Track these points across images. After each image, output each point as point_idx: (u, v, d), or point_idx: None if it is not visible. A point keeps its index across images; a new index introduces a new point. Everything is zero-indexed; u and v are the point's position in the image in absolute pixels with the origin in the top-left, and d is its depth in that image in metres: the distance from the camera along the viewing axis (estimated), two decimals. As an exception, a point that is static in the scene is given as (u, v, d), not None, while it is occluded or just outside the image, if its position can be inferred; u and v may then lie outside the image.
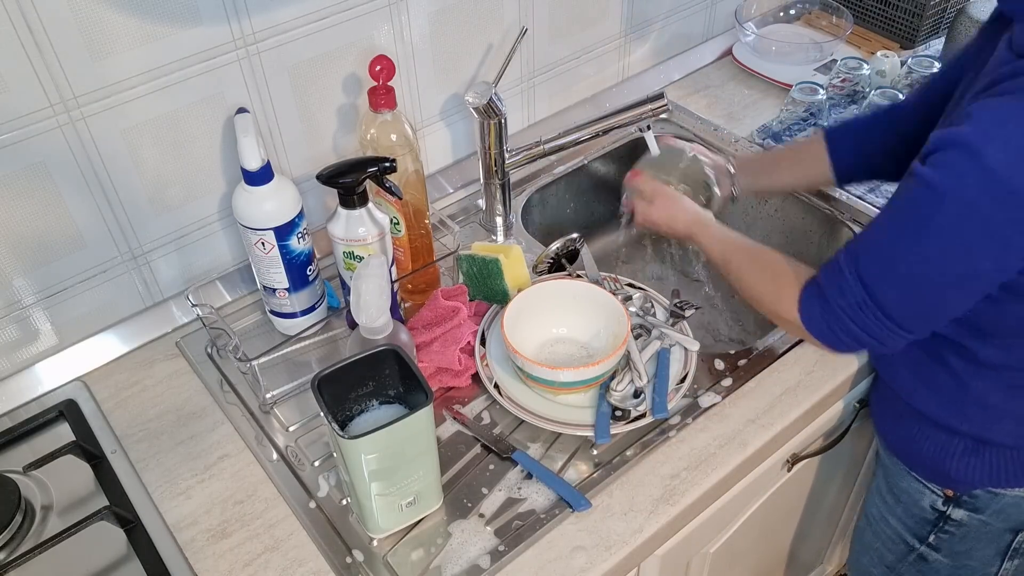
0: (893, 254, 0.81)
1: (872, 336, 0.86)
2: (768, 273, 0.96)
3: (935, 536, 1.04)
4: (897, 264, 0.81)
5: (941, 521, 1.02)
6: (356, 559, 0.85)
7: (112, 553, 0.87)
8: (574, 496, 0.89)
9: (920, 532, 1.06)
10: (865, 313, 0.85)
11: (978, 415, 0.93)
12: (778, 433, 0.98)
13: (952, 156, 0.74)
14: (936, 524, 1.03)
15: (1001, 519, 0.98)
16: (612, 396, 0.96)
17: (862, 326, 0.86)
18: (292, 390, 1.02)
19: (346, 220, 0.96)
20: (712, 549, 1.11)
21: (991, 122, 0.73)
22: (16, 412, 1.00)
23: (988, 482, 0.95)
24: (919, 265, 0.79)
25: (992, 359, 0.89)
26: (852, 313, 0.86)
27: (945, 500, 1.01)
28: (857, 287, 0.84)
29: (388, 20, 1.10)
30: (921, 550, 1.07)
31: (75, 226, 0.98)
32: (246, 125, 0.93)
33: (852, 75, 1.41)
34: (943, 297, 0.81)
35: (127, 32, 0.90)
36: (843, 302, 0.86)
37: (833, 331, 0.89)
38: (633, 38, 1.44)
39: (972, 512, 0.99)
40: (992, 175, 0.71)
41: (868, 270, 0.83)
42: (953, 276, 0.79)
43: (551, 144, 1.21)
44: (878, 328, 0.85)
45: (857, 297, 0.84)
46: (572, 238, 1.15)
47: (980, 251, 0.76)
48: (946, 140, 0.75)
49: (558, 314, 1.03)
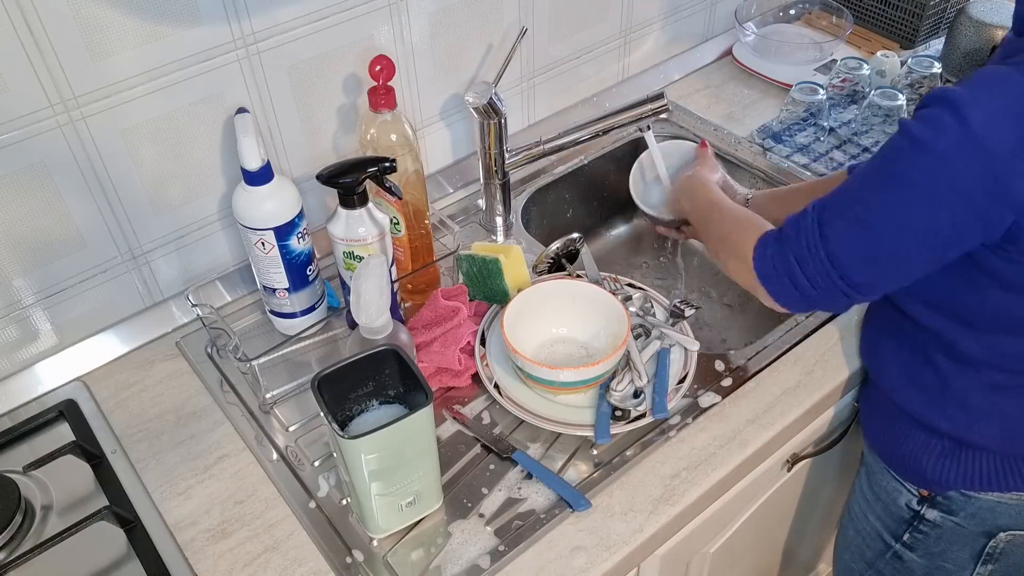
0: (856, 197, 0.80)
1: (814, 285, 0.84)
2: (739, 223, 0.95)
3: (910, 535, 1.04)
4: (855, 206, 0.80)
5: (916, 521, 1.03)
6: (356, 559, 0.85)
7: (112, 553, 0.87)
8: (574, 496, 0.89)
9: (896, 531, 1.06)
10: (812, 256, 0.82)
11: (959, 415, 0.93)
12: (778, 433, 0.98)
13: (937, 111, 0.74)
14: (911, 523, 1.03)
15: (975, 522, 0.98)
16: (612, 396, 0.96)
17: (806, 271, 0.83)
18: (292, 390, 1.02)
19: (346, 220, 0.96)
20: (712, 549, 1.11)
21: (982, 85, 0.74)
22: (16, 412, 1.00)
23: (962, 484, 0.96)
24: (878, 210, 0.78)
25: (974, 353, 0.89)
26: (800, 254, 0.83)
27: (920, 500, 1.01)
28: (813, 227, 0.82)
29: (388, 20, 1.10)
30: (897, 548, 1.07)
31: (75, 226, 0.98)
32: (246, 125, 0.93)
33: (852, 75, 1.41)
34: (897, 251, 0.80)
35: (127, 32, 0.90)
36: (795, 243, 0.84)
37: (778, 272, 0.86)
38: (633, 38, 1.44)
39: (946, 514, 0.99)
40: (969, 132, 0.72)
41: (828, 211, 0.82)
42: (909, 228, 0.78)
43: (551, 144, 1.21)
44: (822, 276, 0.83)
45: (810, 238, 0.83)
46: (572, 238, 1.15)
47: (942, 206, 0.75)
48: (937, 96, 0.75)
49: (558, 315, 1.03)
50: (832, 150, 1.36)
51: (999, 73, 0.74)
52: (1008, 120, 0.72)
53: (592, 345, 1.03)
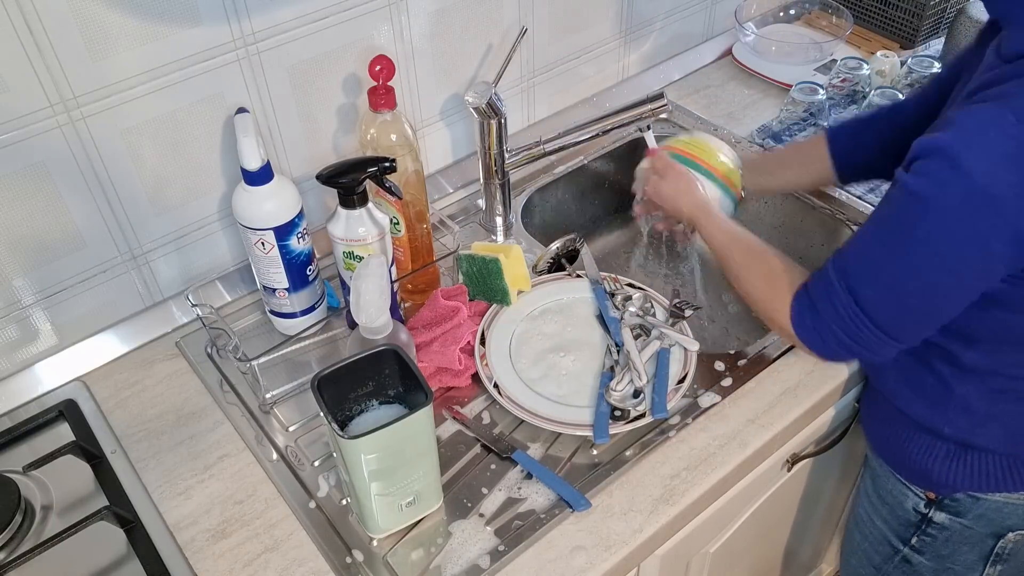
0: (880, 264, 0.81)
1: (863, 346, 0.87)
2: (764, 275, 0.96)
3: (918, 538, 1.04)
4: (883, 274, 0.81)
5: (923, 524, 1.03)
6: (356, 559, 0.85)
7: (112, 553, 0.87)
8: (574, 496, 0.89)
9: (904, 534, 1.06)
10: (856, 323, 0.85)
11: (962, 419, 0.93)
12: (778, 433, 0.98)
13: (934, 164, 0.74)
14: (919, 527, 1.03)
15: (983, 524, 0.98)
16: (612, 396, 0.96)
17: (853, 337, 0.86)
18: (292, 390, 1.02)
19: (346, 220, 0.96)
20: (712, 549, 1.11)
21: (972, 129, 0.73)
22: (16, 412, 1.00)
23: (970, 486, 0.96)
24: (905, 274, 0.80)
25: (976, 364, 0.89)
26: (842, 324, 0.86)
27: (927, 503, 1.01)
28: (846, 298, 0.85)
29: (388, 20, 1.10)
30: (905, 552, 1.07)
31: (75, 226, 0.98)
32: (246, 125, 0.93)
33: (852, 75, 1.41)
34: (930, 306, 0.82)
35: (127, 32, 0.90)
36: (833, 313, 0.86)
37: (825, 341, 0.89)
38: (633, 38, 1.44)
39: (954, 516, 0.99)
40: (972, 183, 0.72)
41: (856, 281, 0.84)
42: (939, 285, 0.79)
43: (551, 144, 1.21)
44: (869, 338, 0.86)
45: (846, 308, 0.85)
46: (572, 238, 1.16)
47: (963, 259, 0.76)
48: (928, 147, 0.75)
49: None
50: (832, 150, 1.36)
51: (989, 116, 0.73)
52: (1010, 165, 0.71)
53: None
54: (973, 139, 0.72)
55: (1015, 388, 0.90)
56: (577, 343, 1.05)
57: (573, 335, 1.06)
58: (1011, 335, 0.86)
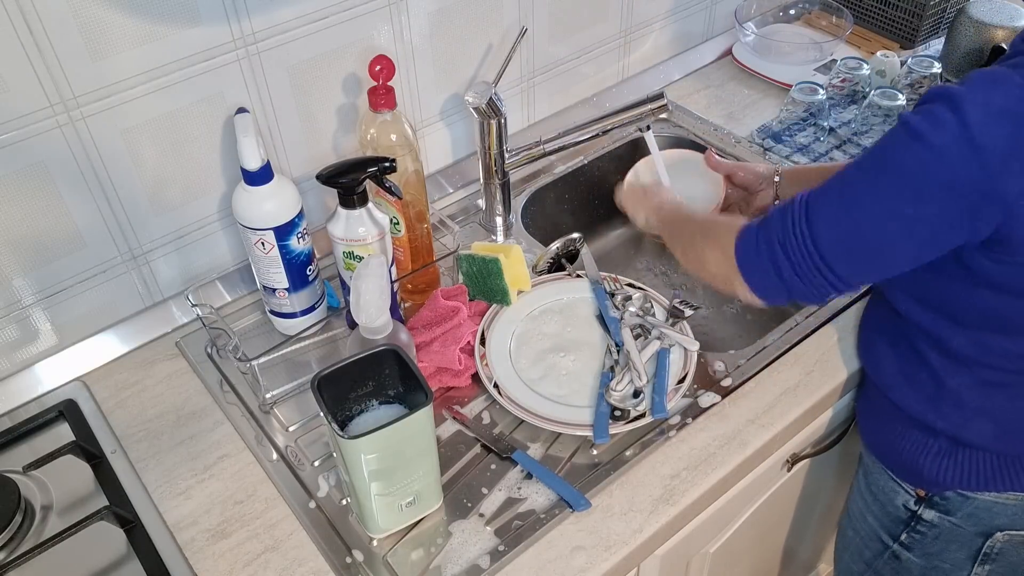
0: (846, 185, 0.81)
1: (797, 272, 0.84)
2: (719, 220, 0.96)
3: (907, 535, 1.04)
4: (844, 190, 0.81)
5: (913, 521, 1.03)
6: (356, 559, 0.85)
7: (112, 553, 0.87)
8: (574, 496, 0.89)
9: (894, 531, 1.06)
10: (798, 240, 0.82)
11: (954, 413, 0.93)
12: (778, 433, 0.98)
13: (938, 107, 0.75)
14: (908, 523, 1.03)
15: (972, 522, 0.98)
16: (612, 396, 0.96)
17: (794, 266, 0.83)
18: (292, 390, 1.02)
19: (346, 220, 0.96)
20: (712, 549, 1.11)
21: (981, 85, 0.75)
22: (16, 412, 1.00)
23: (960, 484, 0.96)
24: (866, 195, 0.79)
25: (965, 351, 0.89)
26: (788, 250, 0.83)
27: (917, 500, 1.01)
28: (800, 211, 0.83)
29: (388, 20, 1.10)
30: (894, 548, 1.07)
31: (75, 226, 0.98)
32: (246, 125, 0.93)
33: (852, 75, 1.41)
34: (877, 238, 0.80)
35: (127, 32, 0.90)
36: (780, 227, 0.84)
37: (760, 258, 0.86)
38: (633, 38, 1.44)
39: (943, 514, 0.99)
40: (966, 130, 0.73)
41: (818, 208, 0.82)
42: (895, 216, 0.78)
43: (551, 144, 1.21)
44: (811, 271, 0.83)
45: (796, 223, 0.83)
46: (572, 238, 1.15)
47: (931, 198, 0.76)
48: (938, 93, 0.76)
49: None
50: (832, 150, 1.36)
51: (998, 74, 0.75)
52: (1004, 120, 0.72)
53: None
54: (978, 91, 0.74)
55: (1005, 381, 0.90)
56: (577, 343, 1.05)
57: (573, 335, 1.06)
58: (997, 319, 0.86)
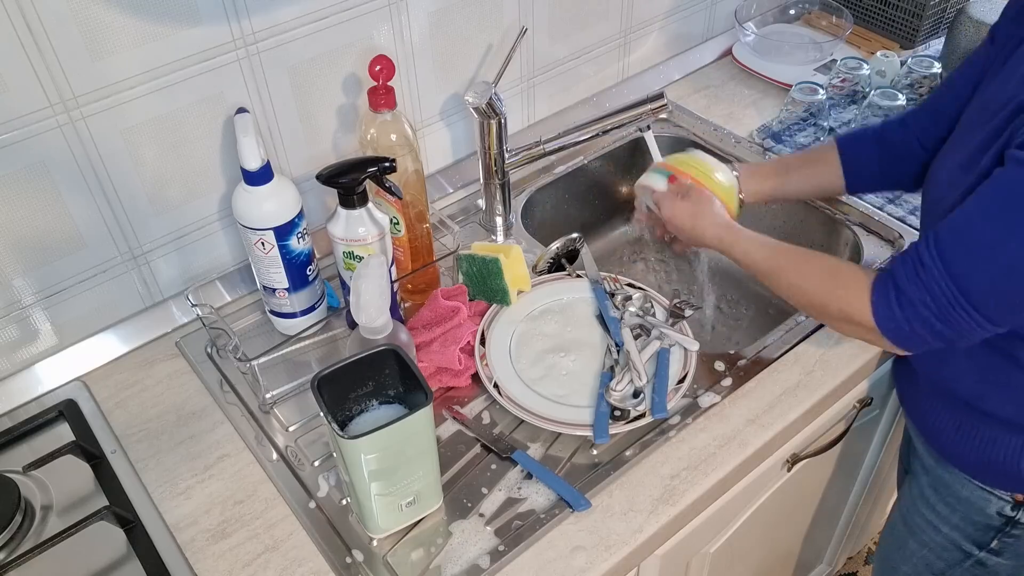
0: (986, 241, 0.78)
1: (953, 328, 0.82)
2: (826, 273, 0.92)
3: (998, 541, 1.02)
4: (991, 251, 0.78)
5: (1007, 526, 1.00)
6: (356, 559, 0.85)
7: (112, 553, 0.87)
8: (574, 496, 0.89)
9: (981, 539, 1.03)
10: (953, 306, 0.80)
11: None
12: (778, 433, 0.98)
13: None
14: (1001, 529, 1.00)
15: None
16: (612, 396, 0.96)
17: (945, 320, 0.81)
18: (292, 390, 1.02)
19: (346, 220, 0.96)
20: (712, 549, 1.11)
21: None
22: (16, 412, 1.00)
23: None
24: (1014, 253, 0.76)
25: None
26: (936, 307, 0.81)
27: (1015, 505, 0.98)
28: (943, 278, 0.80)
29: (388, 20, 1.10)
30: (980, 556, 1.04)
31: (75, 226, 0.98)
32: (246, 125, 0.93)
33: (852, 75, 1.41)
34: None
35: (127, 32, 0.90)
36: (925, 295, 0.81)
37: (912, 327, 0.84)
38: (633, 38, 1.44)
39: None
40: None
41: (956, 260, 0.80)
42: None
43: (551, 144, 1.21)
44: (961, 319, 0.81)
45: (942, 289, 0.80)
46: (572, 238, 1.15)
47: None
48: None
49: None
50: (832, 150, 1.36)
51: None
52: None
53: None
54: None
55: None
56: (577, 343, 1.05)
57: (573, 335, 1.06)
58: None
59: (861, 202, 1.25)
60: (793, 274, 0.95)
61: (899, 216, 1.22)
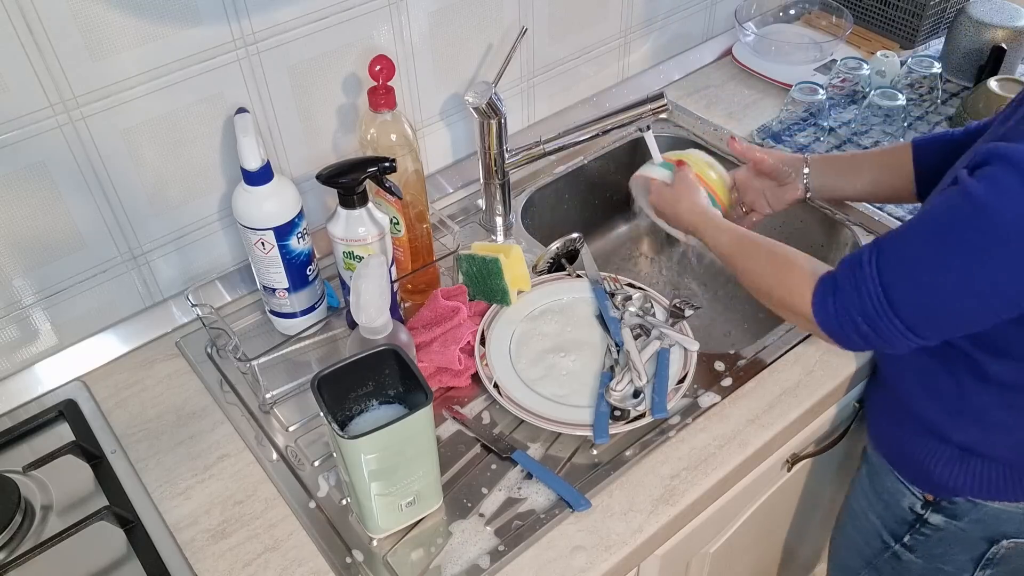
0: (917, 257, 0.79)
1: (881, 336, 0.84)
2: (780, 264, 0.93)
3: (910, 537, 1.04)
4: (918, 267, 0.79)
5: (918, 523, 1.02)
6: (356, 559, 0.85)
7: (112, 553, 0.87)
8: (574, 496, 0.89)
9: (897, 531, 1.06)
10: (878, 312, 0.82)
11: (973, 428, 0.92)
12: (778, 433, 0.98)
13: (1000, 171, 0.72)
14: (913, 525, 1.03)
15: (979, 528, 0.98)
16: (612, 396, 0.96)
17: (873, 325, 0.83)
18: (292, 390, 1.02)
19: (346, 220, 0.96)
20: (712, 549, 1.11)
21: None
22: (16, 412, 1.00)
23: (971, 492, 0.95)
24: (940, 273, 0.77)
25: (1003, 377, 0.87)
26: (864, 310, 0.83)
27: (924, 504, 1.00)
28: (874, 284, 0.82)
29: (388, 20, 1.10)
30: (896, 548, 1.07)
31: (75, 226, 0.98)
32: (246, 125, 0.93)
33: (852, 75, 1.41)
34: (958, 309, 0.79)
35: (127, 32, 0.90)
36: (857, 299, 0.83)
37: (843, 327, 0.86)
38: (633, 38, 1.44)
39: (950, 518, 0.99)
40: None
41: (889, 271, 0.81)
42: (971, 291, 0.77)
43: (551, 144, 1.21)
44: (888, 329, 0.83)
45: (872, 294, 0.82)
46: (572, 238, 1.15)
47: (1005, 272, 0.74)
48: (998, 154, 0.73)
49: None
50: (832, 150, 1.36)
51: None
52: None
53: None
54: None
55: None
56: (577, 343, 1.05)
57: (573, 335, 1.06)
58: None
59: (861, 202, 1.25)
60: (749, 260, 0.97)
61: (899, 216, 1.22)
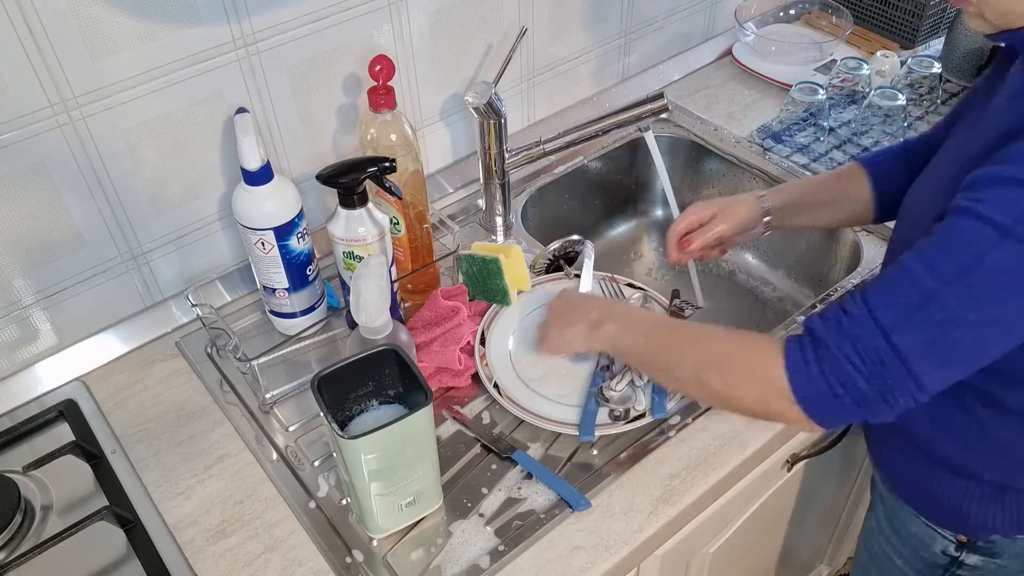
0: (926, 293, 0.70)
1: (883, 392, 0.73)
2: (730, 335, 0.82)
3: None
4: (930, 308, 0.70)
5: (953, 566, 0.97)
6: (356, 559, 0.85)
7: (112, 553, 0.87)
8: (574, 496, 0.89)
9: (930, 575, 1.01)
10: (883, 360, 0.71)
11: (999, 462, 0.88)
12: (778, 433, 0.98)
13: (1005, 192, 0.68)
14: (948, 569, 0.98)
15: (1018, 562, 0.94)
16: (611, 396, 0.96)
17: (874, 377, 0.72)
18: (292, 390, 1.02)
19: (346, 220, 0.96)
20: (712, 549, 1.11)
21: None
22: (16, 412, 1.00)
23: (1008, 528, 0.91)
24: (961, 307, 0.70)
25: (1020, 406, 0.83)
26: (861, 361, 0.72)
27: (958, 546, 0.96)
28: (871, 326, 0.72)
29: (388, 20, 1.10)
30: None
31: (75, 226, 0.98)
32: (246, 125, 0.93)
33: (852, 75, 1.41)
34: (979, 341, 0.72)
35: (127, 32, 0.90)
36: (848, 346, 0.72)
37: (829, 384, 0.73)
38: (633, 38, 1.44)
39: (988, 557, 0.94)
40: None
41: (888, 314, 0.71)
42: (997, 317, 0.70)
43: (551, 144, 1.21)
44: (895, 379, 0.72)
45: (871, 342, 0.71)
46: (573, 240, 1.15)
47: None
48: (994, 177, 0.69)
49: None
50: (832, 150, 1.36)
51: None
52: None
53: None
54: None
55: None
56: (577, 343, 1.05)
57: (573, 335, 1.06)
58: None
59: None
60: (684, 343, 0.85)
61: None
